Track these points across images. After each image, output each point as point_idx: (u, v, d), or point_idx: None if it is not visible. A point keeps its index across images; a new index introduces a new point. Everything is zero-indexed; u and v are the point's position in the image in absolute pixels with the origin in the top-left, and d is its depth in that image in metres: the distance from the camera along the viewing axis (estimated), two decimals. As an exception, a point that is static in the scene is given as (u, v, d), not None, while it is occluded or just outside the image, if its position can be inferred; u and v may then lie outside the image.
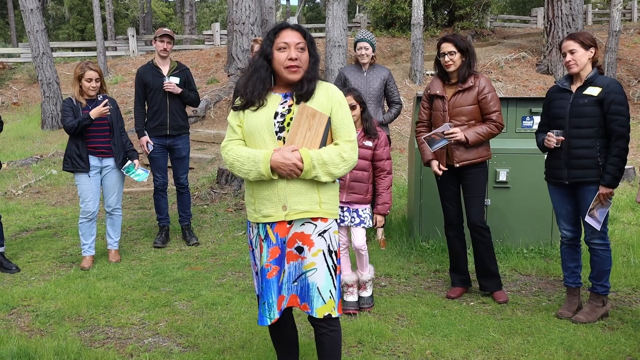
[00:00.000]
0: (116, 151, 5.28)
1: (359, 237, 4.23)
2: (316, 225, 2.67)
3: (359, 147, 4.08)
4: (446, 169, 4.40)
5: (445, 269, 4.95)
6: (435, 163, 4.40)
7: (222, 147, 2.77)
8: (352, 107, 4.09)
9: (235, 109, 2.75)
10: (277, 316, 2.67)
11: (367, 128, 4.19)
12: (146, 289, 4.70)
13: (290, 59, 2.63)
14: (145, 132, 5.83)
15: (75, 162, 5.16)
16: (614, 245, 5.41)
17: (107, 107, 5.13)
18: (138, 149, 5.89)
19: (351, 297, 4.25)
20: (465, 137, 4.22)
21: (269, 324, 2.68)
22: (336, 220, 2.77)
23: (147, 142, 5.81)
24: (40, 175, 9.08)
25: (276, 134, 2.65)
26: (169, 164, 6.07)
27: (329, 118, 2.66)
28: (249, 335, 3.81)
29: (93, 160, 5.21)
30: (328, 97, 2.69)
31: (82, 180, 5.21)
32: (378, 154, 4.20)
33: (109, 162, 5.29)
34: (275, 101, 2.71)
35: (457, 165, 4.32)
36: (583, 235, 4.10)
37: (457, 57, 4.26)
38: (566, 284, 4.21)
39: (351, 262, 4.46)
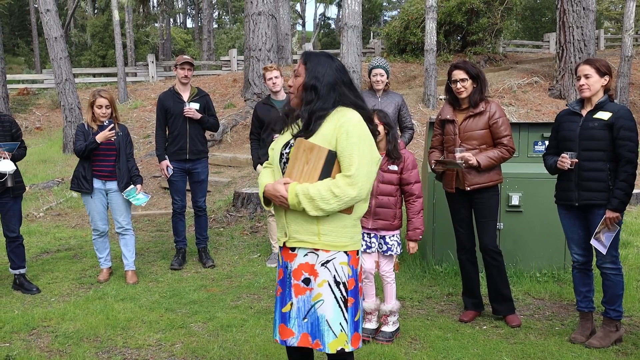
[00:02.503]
0: (120, 175, 5.42)
1: (385, 264, 4.13)
2: (318, 255, 2.62)
3: (384, 171, 4.00)
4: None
5: (458, 293, 4.93)
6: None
7: None
8: None
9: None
10: (277, 339, 2.70)
11: (390, 151, 4.01)
12: (163, 311, 4.73)
13: (289, 85, 2.74)
14: (166, 157, 5.93)
15: (80, 183, 5.40)
16: (628, 270, 5.36)
17: (113, 132, 5.30)
18: (157, 172, 5.98)
19: (368, 325, 4.17)
20: (477, 161, 4.24)
21: (274, 338, 2.73)
22: (346, 252, 2.64)
23: (167, 166, 5.90)
24: (61, 198, 9.21)
25: (284, 165, 2.68)
26: (188, 187, 6.15)
27: (330, 151, 2.54)
28: (263, 357, 3.82)
29: (97, 183, 5.42)
30: (337, 127, 2.57)
31: (87, 200, 5.48)
32: (405, 178, 4.05)
33: (112, 185, 5.45)
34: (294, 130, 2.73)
35: (468, 188, 4.33)
36: (595, 259, 4.08)
37: (468, 83, 4.30)
38: (579, 309, 4.18)
39: (376, 290, 4.32)
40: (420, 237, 4.12)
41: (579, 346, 3.98)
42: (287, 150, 2.67)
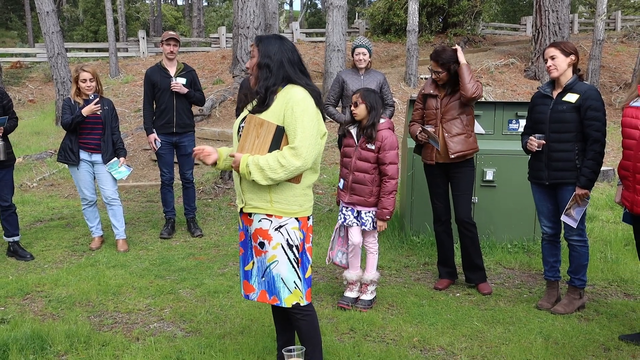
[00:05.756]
0: (105, 148, 5.37)
1: (367, 235, 4.16)
2: (272, 221, 2.75)
3: (362, 149, 4.02)
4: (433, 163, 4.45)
5: (434, 262, 4.99)
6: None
7: None
8: (355, 105, 4.02)
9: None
10: (242, 295, 2.93)
11: (365, 128, 4.00)
12: (152, 277, 4.74)
13: (247, 67, 2.87)
14: (154, 130, 5.87)
15: (67, 155, 5.34)
16: (592, 242, 5.45)
17: (98, 105, 5.23)
18: (148, 145, 5.93)
19: (349, 293, 4.20)
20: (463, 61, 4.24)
21: (241, 293, 2.95)
22: (296, 218, 2.77)
23: (155, 140, 5.84)
24: (54, 169, 9.10)
25: (239, 137, 2.80)
26: (176, 160, 6.11)
27: (278, 126, 2.66)
28: (248, 321, 3.86)
29: (83, 154, 5.37)
30: (284, 103, 2.68)
31: (74, 171, 5.43)
32: (381, 158, 4.00)
33: (98, 157, 5.40)
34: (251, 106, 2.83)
35: (453, 156, 4.32)
36: (563, 231, 4.14)
37: (443, 75, 4.31)
38: (546, 278, 4.25)
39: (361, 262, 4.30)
40: (388, 217, 4.04)
41: (545, 312, 4.07)
42: (242, 124, 2.79)
